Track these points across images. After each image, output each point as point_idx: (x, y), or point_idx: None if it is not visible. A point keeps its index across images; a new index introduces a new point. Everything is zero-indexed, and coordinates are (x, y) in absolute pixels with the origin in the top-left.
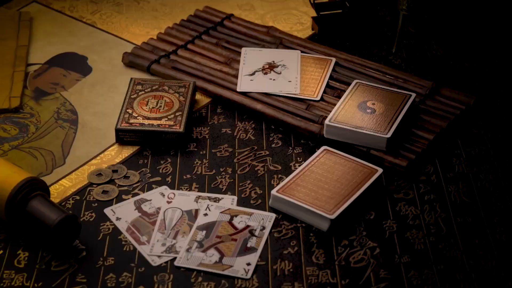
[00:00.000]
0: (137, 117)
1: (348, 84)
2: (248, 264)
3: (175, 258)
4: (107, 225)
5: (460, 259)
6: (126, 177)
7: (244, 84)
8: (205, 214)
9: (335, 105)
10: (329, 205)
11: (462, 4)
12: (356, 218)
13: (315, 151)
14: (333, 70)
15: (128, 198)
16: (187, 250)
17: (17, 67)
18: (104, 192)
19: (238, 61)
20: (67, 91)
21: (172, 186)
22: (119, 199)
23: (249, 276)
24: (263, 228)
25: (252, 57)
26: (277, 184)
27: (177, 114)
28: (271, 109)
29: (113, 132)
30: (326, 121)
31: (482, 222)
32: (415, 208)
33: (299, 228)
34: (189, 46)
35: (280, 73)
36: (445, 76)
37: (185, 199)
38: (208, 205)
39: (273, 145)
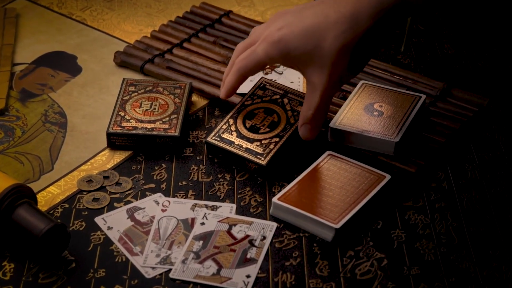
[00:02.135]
0: (130, 120)
1: (354, 85)
2: (248, 276)
3: (170, 269)
4: (98, 235)
5: (473, 271)
6: (118, 183)
7: (243, 85)
8: (202, 223)
9: (340, 107)
10: (333, 213)
11: (475, 0)
12: (363, 228)
13: (319, 156)
14: None
15: (120, 206)
16: (183, 262)
17: (2, 67)
18: (95, 199)
19: None
20: (56, 92)
21: (167, 194)
22: (110, 207)
23: None
24: (264, 238)
25: None
26: (279, 191)
27: (172, 117)
28: None
29: (104, 136)
30: (331, 124)
31: (496, 232)
32: (425, 216)
33: (302, 238)
34: (185, 44)
35: (282, 73)
36: (457, 76)
37: (181, 207)
38: (205, 213)
39: None
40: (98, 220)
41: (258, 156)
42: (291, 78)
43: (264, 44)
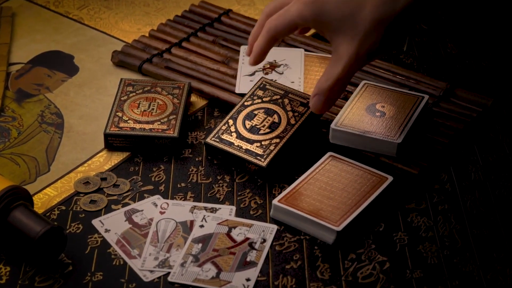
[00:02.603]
0: (128, 121)
1: (356, 85)
2: (248, 279)
3: (168, 273)
4: (95, 238)
5: (476, 275)
6: (115, 185)
7: (243, 85)
8: (201, 226)
9: (341, 107)
10: (335, 216)
11: None
12: (364, 230)
13: (320, 158)
14: None
15: (118, 208)
16: (182, 265)
17: None
18: (92, 201)
19: (236, 60)
20: (52, 92)
21: (165, 196)
22: (108, 209)
23: None
24: (264, 240)
25: None
26: (279, 193)
27: (170, 117)
28: None
29: (101, 137)
30: (332, 125)
31: (500, 234)
32: (428, 219)
33: (303, 241)
34: (184, 44)
35: (282, 73)
36: (460, 76)
37: (180, 209)
38: (204, 216)
39: None
40: (95, 222)
41: (258, 158)
42: (291, 78)
43: (298, 3)
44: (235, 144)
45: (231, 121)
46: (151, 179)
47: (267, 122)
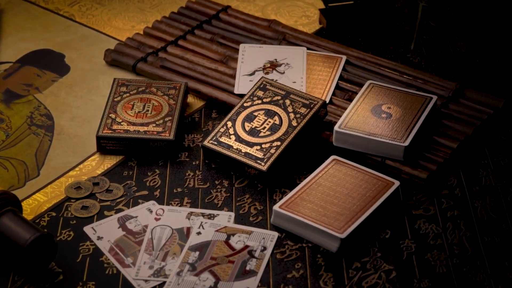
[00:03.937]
0: (121, 123)
1: (361, 86)
2: None
3: (164, 282)
4: (87, 245)
5: (487, 284)
6: (108, 190)
7: (243, 85)
8: (198, 233)
9: (345, 109)
10: (338, 222)
11: None
12: (370, 237)
13: (323, 161)
14: (343, 69)
15: (111, 215)
16: (178, 274)
17: None
18: (84, 207)
19: (235, 59)
20: (42, 93)
21: (160, 201)
22: (100, 215)
23: None
24: (264, 248)
25: (251, 55)
26: (280, 199)
27: (166, 119)
28: None
29: (93, 139)
30: (336, 127)
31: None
32: (437, 226)
33: (305, 249)
34: (180, 42)
35: (283, 72)
36: (471, 76)
37: (176, 215)
38: (201, 222)
39: None
40: (87, 229)
41: (258, 161)
42: (293, 78)
43: None
44: (234, 147)
45: (229, 123)
46: (145, 184)
47: (267, 124)
